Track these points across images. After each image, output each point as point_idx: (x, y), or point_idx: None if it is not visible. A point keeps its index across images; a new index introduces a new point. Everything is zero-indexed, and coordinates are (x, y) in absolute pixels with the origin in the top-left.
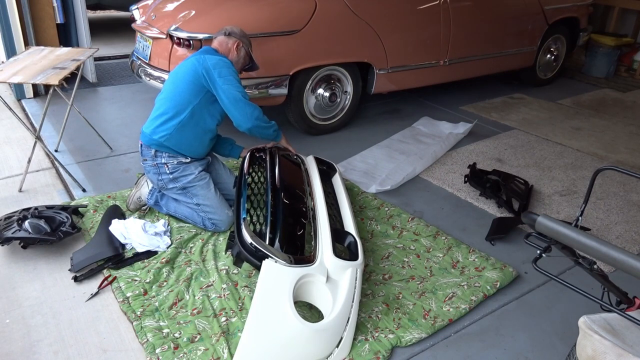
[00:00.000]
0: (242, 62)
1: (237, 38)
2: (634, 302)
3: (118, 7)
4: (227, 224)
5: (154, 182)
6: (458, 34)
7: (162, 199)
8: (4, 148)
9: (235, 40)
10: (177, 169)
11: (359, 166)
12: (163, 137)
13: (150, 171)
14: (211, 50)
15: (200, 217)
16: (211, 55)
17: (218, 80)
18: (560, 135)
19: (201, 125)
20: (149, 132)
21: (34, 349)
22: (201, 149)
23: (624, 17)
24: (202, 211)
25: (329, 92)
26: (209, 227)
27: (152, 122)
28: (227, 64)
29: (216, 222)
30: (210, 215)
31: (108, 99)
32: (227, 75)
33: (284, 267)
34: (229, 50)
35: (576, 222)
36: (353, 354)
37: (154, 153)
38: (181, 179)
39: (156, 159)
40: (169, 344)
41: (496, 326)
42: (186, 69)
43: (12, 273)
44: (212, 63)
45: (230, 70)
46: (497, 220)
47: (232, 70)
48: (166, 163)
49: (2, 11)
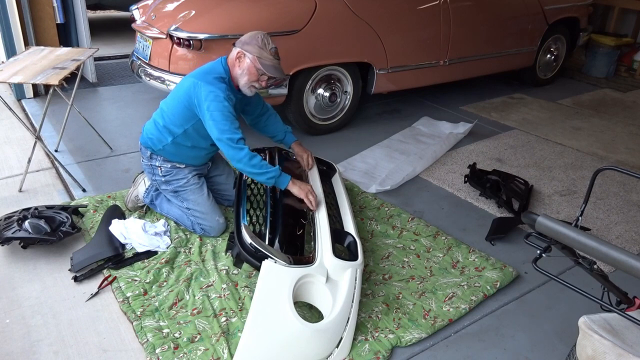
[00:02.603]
0: (248, 75)
1: (240, 47)
2: (634, 302)
3: (118, 7)
4: (217, 231)
5: (150, 181)
6: (458, 34)
7: (157, 198)
8: (4, 148)
9: (238, 50)
10: (170, 173)
11: (359, 166)
12: (158, 146)
13: (146, 170)
14: (218, 67)
15: (190, 221)
16: (206, 85)
17: (206, 114)
18: (560, 135)
19: (195, 144)
20: (147, 135)
21: (34, 349)
22: (197, 161)
23: (624, 17)
24: (192, 215)
25: (329, 92)
26: (198, 231)
27: (151, 126)
28: (218, 97)
29: (205, 228)
30: (199, 220)
31: (108, 99)
32: (214, 111)
33: (283, 267)
34: (233, 64)
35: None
36: (353, 354)
37: (149, 155)
38: (173, 182)
39: (151, 160)
40: (169, 344)
41: (496, 326)
42: (183, 90)
43: (12, 273)
44: (205, 94)
45: (219, 105)
46: (497, 220)
47: (222, 105)
48: (160, 166)
49: (2, 11)
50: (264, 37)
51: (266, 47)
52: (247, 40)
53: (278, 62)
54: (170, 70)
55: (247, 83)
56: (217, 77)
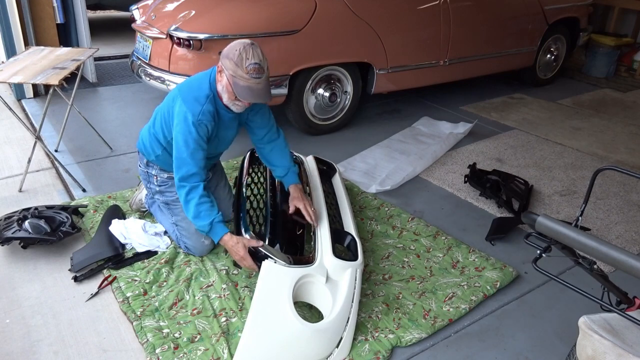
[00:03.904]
0: (227, 93)
1: (221, 59)
2: (634, 302)
3: (118, 7)
4: (200, 252)
5: (145, 187)
6: (458, 34)
7: (152, 205)
8: (4, 148)
9: (219, 62)
10: (166, 184)
11: (359, 166)
12: (152, 155)
13: (142, 176)
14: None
15: (176, 236)
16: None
17: (173, 132)
18: (560, 135)
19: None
20: (142, 142)
21: (34, 349)
22: None
23: (624, 17)
24: (179, 231)
25: (329, 92)
26: (183, 248)
27: (145, 133)
28: (186, 119)
29: (189, 247)
30: (184, 238)
31: (108, 99)
32: (178, 133)
33: (283, 267)
34: (217, 78)
35: (576, 222)
36: (353, 354)
37: (146, 162)
38: (167, 193)
39: (147, 167)
40: (169, 344)
41: (496, 326)
42: (169, 99)
43: (12, 273)
44: (177, 111)
45: (184, 129)
46: (497, 220)
47: (187, 130)
48: (156, 175)
49: (2, 11)
50: (243, 50)
51: (242, 64)
52: (226, 53)
53: (257, 81)
54: (170, 70)
55: (228, 101)
56: (198, 95)
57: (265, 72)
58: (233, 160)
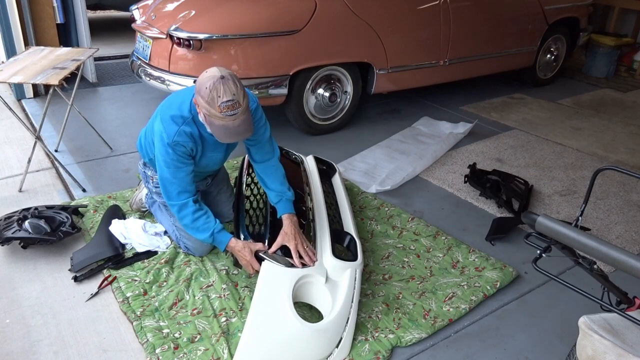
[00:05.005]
0: (208, 127)
1: (195, 93)
2: (634, 302)
3: (118, 7)
4: (200, 252)
5: (145, 187)
6: (458, 34)
7: (152, 205)
8: (4, 148)
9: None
10: None
11: (359, 166)
12: (147, 157)
13: (142, 175)
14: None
15: (176, 236)
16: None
17: (155, 151)
18: (560, 135)
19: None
20: (140, 142)
21: (34, 349)
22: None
23: (624, 17)
24: (179, 232)
25: (329, 92)
26: (183, 248)
27: (143, 134)
28: (162, 140)
29: (189, 247)
30: (184, 239)
31: (108, 99)
32: (157, 153)
33: (283, 267)
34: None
35: (576, 222)
36: (353, 354)
37: (143, 162)
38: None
39: (145, 168)
40: (169, 344)
41: (496, 326)
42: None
43: (12, 273)
44: (155, 129)
45: (162, 149)
46: (497, 220)
47: (164, 150)
48: (152, 177)
49: (2, 11)
50: (213, 87)
51: (214, 103)
52: (198, 88)
53: (233, 118)
54: (170, 70)
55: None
56: (175, 115)
57: (241, 105)
58: (233, 160)
